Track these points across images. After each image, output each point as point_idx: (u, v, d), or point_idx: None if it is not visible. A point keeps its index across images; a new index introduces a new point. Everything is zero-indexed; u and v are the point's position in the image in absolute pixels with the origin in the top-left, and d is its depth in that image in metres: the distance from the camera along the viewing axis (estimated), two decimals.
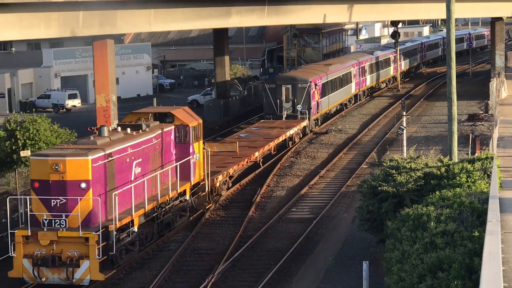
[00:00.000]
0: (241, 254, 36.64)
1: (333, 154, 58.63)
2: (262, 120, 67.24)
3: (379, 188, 33.44)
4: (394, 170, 33.70)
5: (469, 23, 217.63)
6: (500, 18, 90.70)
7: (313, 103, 67.73)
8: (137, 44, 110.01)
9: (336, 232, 40.12)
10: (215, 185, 44.78)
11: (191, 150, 40.48)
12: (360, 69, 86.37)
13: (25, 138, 48.92)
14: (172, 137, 39.88)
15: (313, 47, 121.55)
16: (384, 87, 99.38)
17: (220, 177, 45.54)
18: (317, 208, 44.46)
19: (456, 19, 50.35)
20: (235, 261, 35.73)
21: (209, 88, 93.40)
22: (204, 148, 42.95)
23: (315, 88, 68.32)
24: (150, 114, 40.43)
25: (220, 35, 74.76)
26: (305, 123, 65.07)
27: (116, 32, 55.21)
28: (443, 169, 32.96)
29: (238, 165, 49.21)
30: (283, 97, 66.74)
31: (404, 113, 51.91)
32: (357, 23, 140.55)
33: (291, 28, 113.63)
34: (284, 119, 65.72)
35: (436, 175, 32.86)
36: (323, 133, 67.49)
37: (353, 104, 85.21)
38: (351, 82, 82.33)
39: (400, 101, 71.55)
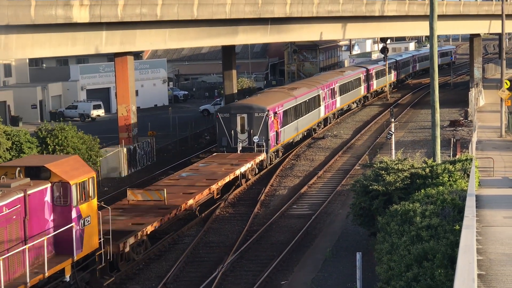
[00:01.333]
0: (248, 246, 36.59)
1: (330, 157, 58.55)
2: (214, 154, 54.04)
3: (370, 187, 33.43)
4: (383, 171, 33.68)
5: (450, 39, 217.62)
6: (478, 35, 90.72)
7: (272, 134, 54.71)
8: (154, 60, 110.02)
9: (332, 226, 40.06)
10: (124, 251, 32.62)
11: (74, 215, 27.75)
12: (330, 91, 74.26)
13: (54, 144, 49.04)
14: (48, 198, 27.38)
15: (311, 62, 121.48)
16: (354, 107, 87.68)
17: (131, 240, 33.03)
18: (315, 205, 44.41)
19: (438, 36, 50.30)
20: (243, 253, 35.69)
21: (218, 99, 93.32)
22: (100, 207, 30.41)
23: (275, 116, 55.52)
24: (18, 169, 27.71)
25: (228, 51, 74.77)
26: (262, 156, 52.50)
27: (135, 49, 55.25)
28: (427, 170, 32.92)
29: (162, 219, 36.18)
30: (238, 128, 54.16)
31: (393, 120, 51.83)
32: (350, 40, 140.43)
33: (291, 45, 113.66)
34: (239, 152, 53.52)
35: (421, 175, 32.83)
36: (320, 138, 67.39)
37: (323, 127, 72.50)
38: (319, 105, 69.65)
39: (389, 109, 71.48)
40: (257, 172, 52.50)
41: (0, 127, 46.07)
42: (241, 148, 53.75)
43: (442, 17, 78.65)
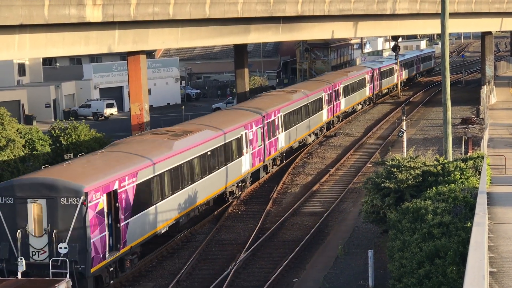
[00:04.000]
0: (260, 244, 36.61)
1: (341, 155, 58.48)
2: None
3: (382, 184, 33.37)
4: (395, 169, 33.62)
5: (462, 37, 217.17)
6: (490, 32, 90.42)
7: (98, 238, 29.22)
8: (167, 59, 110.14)
9: (344, 224, 40.03)
10: None
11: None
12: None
13: (68, 142, 49.23)
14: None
15: (322, 60, 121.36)
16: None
17: None
18: (327, 203, 44.38)
19: (450, 34, 50.22)
20: (255, 251, 35.72)
21: (230, 97, 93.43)
22: None
23: (100, 204, 29.67)
24: None
25: (240, 50, 74.79)
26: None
27: (148, 48, 55.30)
28: (439, 167, 32.85)
29: None
30: (31, 226, 29.15)
31: (404, 117, 51.75)
32: (361, 38, 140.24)
33: (303, 43, 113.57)
34: (20, 276, 27.75)
35: (433, 173, 32.76)
36: (332, 136, 67.30)
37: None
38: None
39: (400, 107, 71.33)
40: None
41: (14, 126, 46.27)
42: (26, 268, 28.30)
43: (454, 15, 78.42)
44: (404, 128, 49.51)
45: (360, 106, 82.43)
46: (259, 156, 48.11)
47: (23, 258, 28.22)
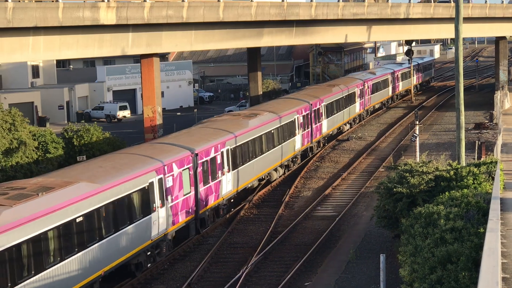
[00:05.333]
0: (272, 247, 36.60)
1: (354, 159, 58.41)
2: None
3: (395, 189, 33.32)
4: (408, 173, 33.57)
5: (476, 41, 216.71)
6: (504, 37, 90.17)
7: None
8: (180, 62, 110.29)
9: (356, 228, 39.97)
10: None
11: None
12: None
13: (80, 145, 49.36)
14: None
15: (336, 64, 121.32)
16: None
17: None
18: (339, 207, 44.32)
19: (463, 38, 50.08)
20: (267, 254, 35.70)
21: (244, 101, 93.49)
22: None
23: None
24: None
25: (253, 53, 74.84)
26: None
27: (161, 51, 55.39)
28: (452, 172, 32.77)
29: None
30: None
31: (417, 122, 51.64)
32: (375, 42, 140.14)
33: (316, 47, 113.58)
34: None
35: (445, 178, 32.68)
36: (345, 140, 67.21)
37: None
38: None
39: (413, 111, 71.19)
40: None
41: (27, 128, 46.41)
42: None
43: (468, 19, 78.25)
44: (417, 133, 49.40)
45: (347, 126, 71.35)
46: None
47: None
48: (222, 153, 40.67)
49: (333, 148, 63.47)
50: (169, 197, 34.45)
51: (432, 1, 78.56)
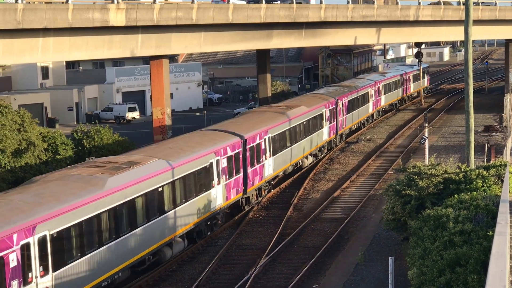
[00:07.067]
0: (280, 249, 36.59)
1: (363, 161, 58.36)
2: None
3: (403, 191, 33.28)
4: (416, 176, 33.51)
5: (486, 44, 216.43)
6: None
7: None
8: (189, 63, 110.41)
9: (365, 230, 39.92)
10: None
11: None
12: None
13: (90, 146, 49.44)
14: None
15: (345, 66, 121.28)
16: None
17: None
18: (348, 209, 44.28)
19: (473, 41, 49.97)
20: (275, 256, 35.69)
21: (253, 102, 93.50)
22: None
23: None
24: None
25: (262, 55, 74.84)
26: None
27: (171, 52, 55.46)
28: (461, 175, 32.71)
29: None
30: None
31: (426, 124, 51.56)
32: (384, 45, 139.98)
33: (326, 49, 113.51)
34: None
35: (454, 180, 32.62)
36: (354, 142, 67.18)
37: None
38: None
39: (422, 114, 71.12)
40: None
41: (36, 129, 46.51)
42: None
43: (477, 22, 78.08)
44: (426, 135, 49.34)
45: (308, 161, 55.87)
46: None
47: None
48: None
49: (342, 150, 63.43)
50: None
51: (442, 4, 78.37)
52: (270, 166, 45.85)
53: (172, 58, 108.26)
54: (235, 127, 43.88)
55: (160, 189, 32.64)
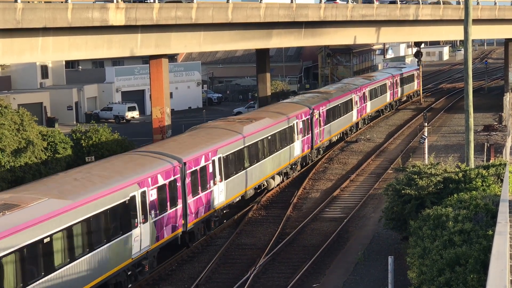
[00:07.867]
0: (280, 249, 36.59)
1: (362, 161, 58.36)
2: None
3: (403, 191, 33.28)
4: (416, 175, 33.52)
5: (485, 43, 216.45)
6: None
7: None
8: (189, 63, 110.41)
9: (364, 230, 39.93)
10: None
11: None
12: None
13: (89, 145, 49.40)
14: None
15: (344, 65, 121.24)
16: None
17: None
18: (347, 209, 44.29)
19: (473, 40, 49.97)
20: (275, 255, 35.69)
21: (252, 102, 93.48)
22: None
23: None
24: None
25: (262, 54, 74.85)
26: None
27: (170, 52, 55.45)
28: (460, 174, 32.72)
29: None
30: None
31: (426, 124, 51.58)
32: (384, 44, 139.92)
33: (325, 49, 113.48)
34: None
35: (454, 180, 32.62)
36: (353, 142, 67.18)
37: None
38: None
39: (422, 113, 71.08)
40: None
41: (36, 128, 46.48)
42: None
43: (477, 21, 78.07)
44: (426, 135, 49.33)
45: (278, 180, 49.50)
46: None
47: None
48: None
49: (341, 150, 63.44)
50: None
51: (441, 3, 78.37)
52: (222, 193, 39.02)
53: (172, 58, 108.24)
54: (174, 148, 36.94)
55: (46, 240, 24.91)
